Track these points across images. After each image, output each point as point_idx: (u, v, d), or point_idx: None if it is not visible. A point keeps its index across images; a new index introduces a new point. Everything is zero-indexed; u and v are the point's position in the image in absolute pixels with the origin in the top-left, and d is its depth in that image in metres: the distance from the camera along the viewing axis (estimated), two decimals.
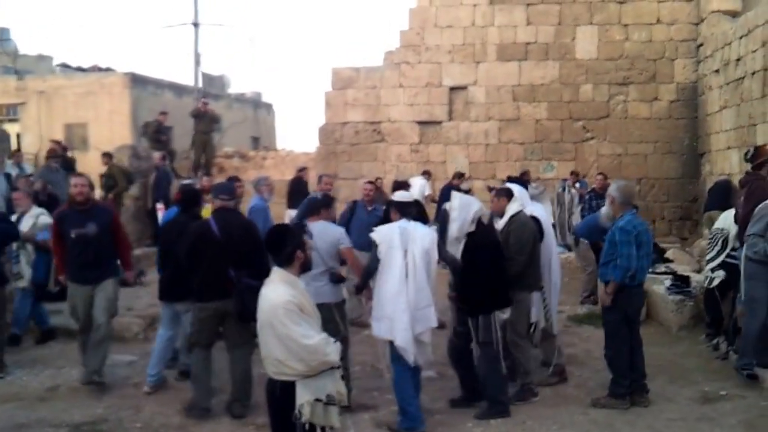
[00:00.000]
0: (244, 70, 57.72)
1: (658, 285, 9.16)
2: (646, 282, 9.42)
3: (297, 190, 12.60)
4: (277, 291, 3.70)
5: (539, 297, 6.33)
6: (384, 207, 7.19)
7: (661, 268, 10.37)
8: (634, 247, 5.79)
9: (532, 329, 6.42)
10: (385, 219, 6.13)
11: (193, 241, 5.80)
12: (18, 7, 54.47)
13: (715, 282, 7.35)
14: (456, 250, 5.64)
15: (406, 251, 5.34)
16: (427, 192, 14.13)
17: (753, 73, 11.36)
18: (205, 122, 17.25)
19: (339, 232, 6.03)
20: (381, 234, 5.46)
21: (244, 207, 8.25)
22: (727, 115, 12.97)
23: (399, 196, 5.86)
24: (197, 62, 24.51)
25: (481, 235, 5.68)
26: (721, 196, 9.57)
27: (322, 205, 6.16)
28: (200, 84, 24.80)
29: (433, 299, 5.49)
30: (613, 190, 6.11)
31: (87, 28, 57.46)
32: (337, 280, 5.79)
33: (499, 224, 6.13)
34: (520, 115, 16.15)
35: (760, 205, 6.28)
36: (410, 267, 5.32)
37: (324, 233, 5.78)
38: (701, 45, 14.92)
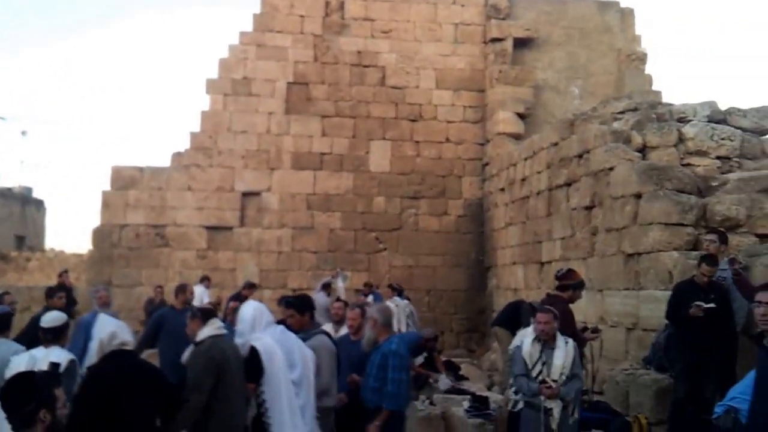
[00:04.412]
0: (13, 163, 52.35)
1: (457, 407, 8.80)
2: (445, 404, 9.11)
3: None
4: None
5: None
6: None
7: (454, 383, 10.08)
8: (406, 372, 5.47)
9: None
10: None
11: None
12: None
13: (520, 405, 7.04)
14: None
15: None
16: (206, 300, 12.89)
17: (538, 193, 11.97)
18: None
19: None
20: None
21: None
22: (512, 231, 13.53)
23: (45, 321, 4.83)
24: None
25: (113, 367, 4.18)
26: (510, 314, 9.59)
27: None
28: None
29: None
30: (374, 312, 5.73)
31: None
32: None
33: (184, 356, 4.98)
34: (315, 223, 15.79)
35: (510, 349, 6.10)
36: None
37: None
38: (487, 164, 15.73)
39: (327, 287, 12.52)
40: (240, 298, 11.00)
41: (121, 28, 58.55)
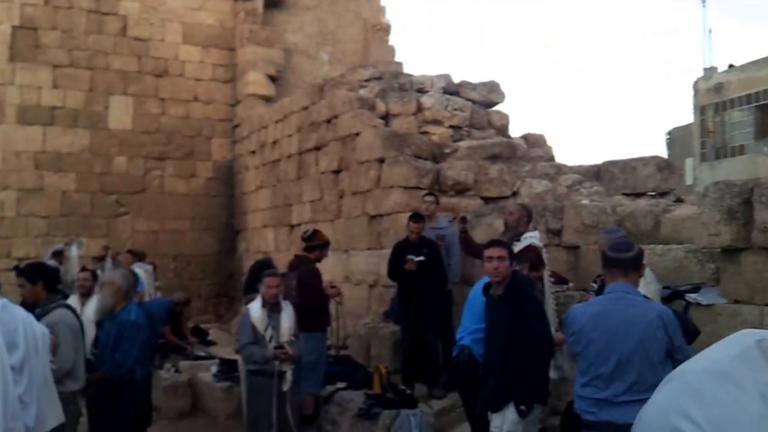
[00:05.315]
0: None
1: (204, 372, 8.66)
2: (192, 370, 8.90)
3: None
4: None
5: None
6: None
7: (203, 352, 9.91)
8: (140, 344, 5.28)
9: None
10: None
11: None
12: None
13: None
14: None
15: None
16: None
17: (289, 156, 12.02)
18: None
19: None
20: None
21: None
22: (263, 194, 13.47)
23: None
24: None
25: None
26: (257, 276, 9.61)
27: None
28: None
29: None
30: (117, 277, 5.49)
31: None
32: None
33: None
34: (44, 185, 14.30)
35: (241, 315, 6.01)
36: None
37: None
38: (238, 126, 15.43)
39: (58, 255, 11.48)
40: None
41: None
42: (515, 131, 11.15)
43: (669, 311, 3.80)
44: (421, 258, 6.88)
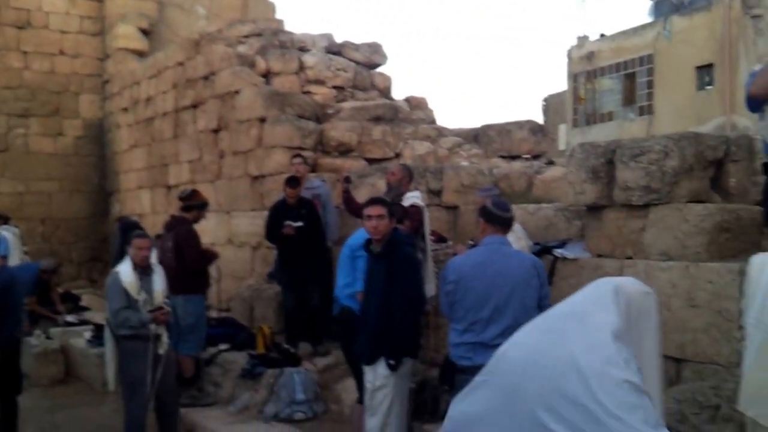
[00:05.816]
0: None
1: (77, 338, 8.35)
2: (64, 337, 8.54)
3: None
4: None
5: None
6: None
7: (74, 319, 9.53)
8: None
9: None
10: None
11: None
12: None
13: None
14: None
15: None
16: None
17: (164, 114, 11.55)
18: None
19: None
20: None
21: None
22: (137, 154, 12.92)
23: None
24: None
25: None
26: (125, 240, 9.24)
27: None
28: None
29: None
30: None
31: None
32: None
33: None
34: None
35: (108, 280, 5.52)
36: None
37: None
38: (108, 81, 14.64)
39: None
40: None
41: None
42: (398, 94, 11.30)
43: (541, 262, 4.07)
44: (300, 224, 6.89)
